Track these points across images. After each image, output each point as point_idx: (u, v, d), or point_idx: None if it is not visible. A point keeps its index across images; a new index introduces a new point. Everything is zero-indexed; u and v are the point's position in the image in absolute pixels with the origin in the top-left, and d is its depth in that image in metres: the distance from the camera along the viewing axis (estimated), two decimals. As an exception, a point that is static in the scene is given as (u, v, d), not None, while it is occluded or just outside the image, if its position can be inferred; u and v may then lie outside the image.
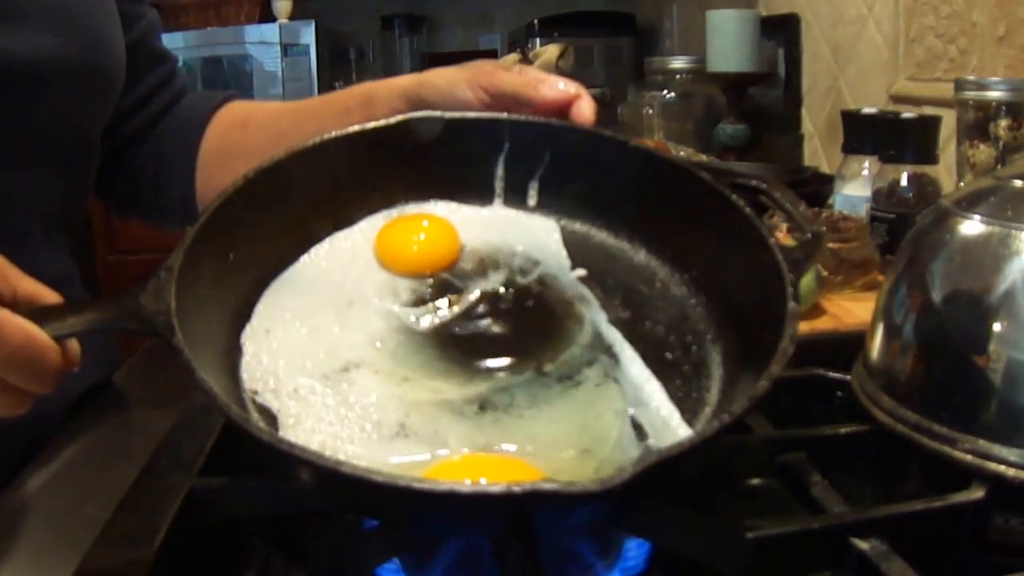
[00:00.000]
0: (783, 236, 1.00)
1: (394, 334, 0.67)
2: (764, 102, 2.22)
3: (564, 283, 0.73)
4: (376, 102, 0.96)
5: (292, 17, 3.44)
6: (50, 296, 0.59)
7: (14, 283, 0.58)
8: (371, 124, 0.75)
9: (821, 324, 1.00)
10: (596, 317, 0.71)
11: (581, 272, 0.74)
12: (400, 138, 0.76)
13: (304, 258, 0.71)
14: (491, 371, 0.66)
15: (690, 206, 0.73)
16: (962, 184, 1.12)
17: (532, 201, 0.78)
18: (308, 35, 3.31)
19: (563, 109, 0.84)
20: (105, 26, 0.97)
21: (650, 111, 2.40)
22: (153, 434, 0.72)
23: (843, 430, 0.68)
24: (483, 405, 0.63)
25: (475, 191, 0.78)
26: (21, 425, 0.59)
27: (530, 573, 0.53)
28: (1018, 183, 0.65)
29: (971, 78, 1.13)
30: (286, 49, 3.29)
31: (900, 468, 0.66)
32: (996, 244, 0.61)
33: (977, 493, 0.58)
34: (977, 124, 1.10)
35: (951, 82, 1.17)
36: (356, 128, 0.74)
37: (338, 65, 3.81)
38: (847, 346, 0.74)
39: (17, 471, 0.75)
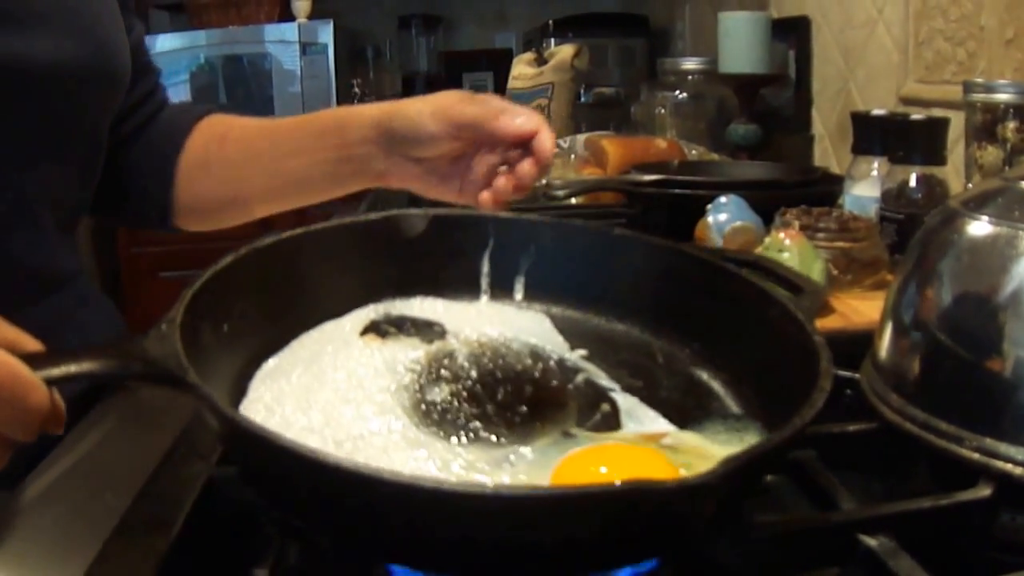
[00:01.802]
0: (795, 235, 1.01)
1: (404, 410, 0.64)
2: (775, 103, 2.23)
3: (568, 362, 0.73)
4: (348, 129, 0.98)
5: (311, 16, 3.46)
6: (30, 343, 0.56)
7: None
8: (356, 218, 0.76)
9: (830, 323, 1.00)
10: (610, 387, 0.70)
11: (582, 352, 0.74)
12: (385, 232, 0.76)
13: (295, 343, 0.70)
14: (517, 436, 0.63)
15: (682, 281, 0.75)
16: (970, 185, 1.12)
17: (519, 295, 0.79)
18: (326, 34, 3.33)
19: (524, 141, 0.86)
20: (113, 31, 0.98)
21: (662, 111, 2.40)
22: (172, 424, 0.73)
23: (852, 428, 0.69)
24: (513, 463, 0.61)
25: (461, 287, 0.78)
26: None
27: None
28: (1026, 184, 0.65)
29: (979, 81, 1.13)
30: (305, 48, 3.31)
31: (908, 466, 0.66)
32: (1004, 244, 0.61)
33: (984, 491, 0.59)
34: (985, 126, 1.10)
35: (960, 84, 1.17)
36: (341, 221, 0.75)
37: (356, 64, 3.83)
38: (856, 345, 0.74)
39: (35, 460, 0.75)
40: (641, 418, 0.67)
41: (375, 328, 0.72)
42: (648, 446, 0.64)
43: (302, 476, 0.49)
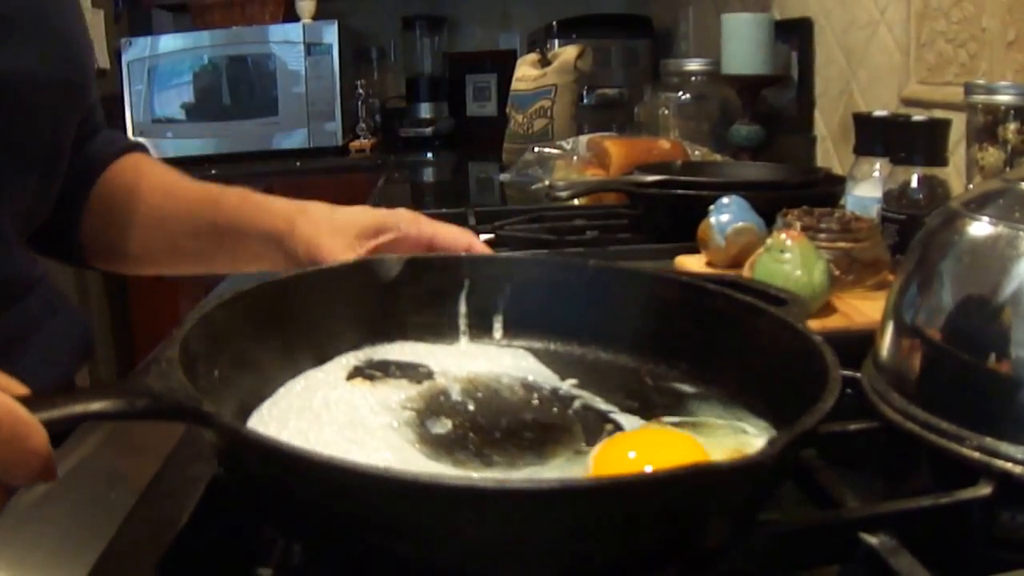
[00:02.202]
0: (797, 236, 1.02)
1: (412, 443, 0.64)
2: (777, 104, 2.23)
3: (561, 391, 0.73)
4: (248, 239, 0.99)
5: (315, 17, 3.48)
6: (18, 388, 0.52)
7: None
8: (332, 264, 0.76)
9: (832, 323, 1.00)
10: (609, 410, 0.70)
11: (573, 381, 0.74)
12: (361, 277, 0.76)
13: (281, 391, 0.68)
14: (531, 458, 0.63)
15: (662, 305, 0.76)
16: (971, 186, 1.13)
17: (498, 334, 0.79)
18: (331, 35, 3.34)
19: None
20: (82, 39, 0.98)
21: (666, 112, 2.41)
22: (177, 424, 0.73)
23: (853, 427, 0.69)
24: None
25: (440, 329, 0.78)
26: None
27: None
28: (1026, 185, 0.65)
29: (981, 82, 1.13)
30: (309, 48, 3.33)
31: (909, 464, 0.67)
32: (1004, 245, 0.62)
33: (984, 490, 0.59)
34: (986, 127, 1.10)
35: (961, 86, 1.17)
36: (317, 267, 0.75)
37: (360, 64, 3.86)
38: (858, 344, 0.74)
39: None
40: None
41: (361, 373, 0.72)
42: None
43: (351, 493, 0.47)
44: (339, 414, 0.66)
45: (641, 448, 0.62)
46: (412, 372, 0.73)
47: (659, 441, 0.63)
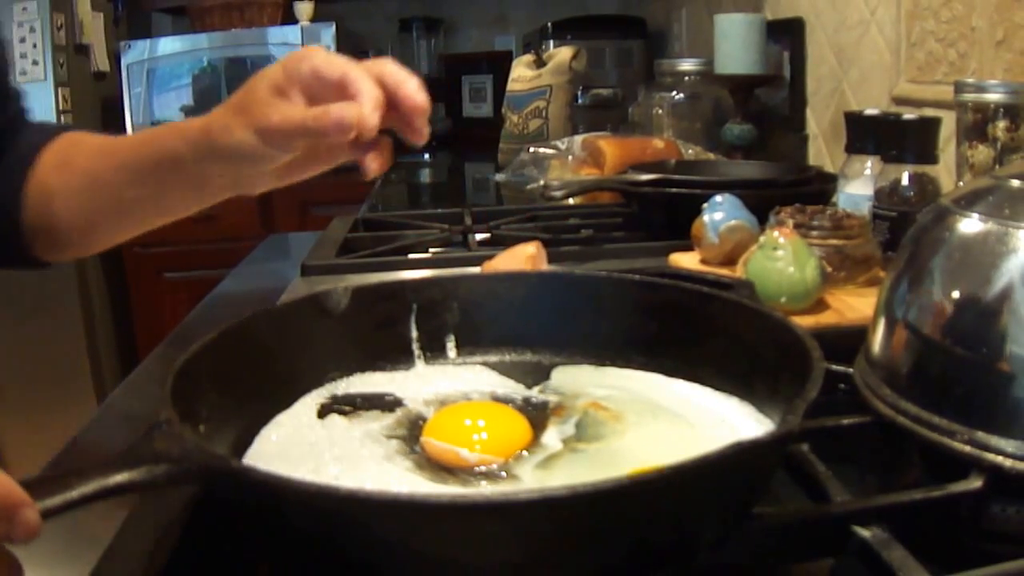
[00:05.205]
0: (789, 232, 1.02)
1: (411, 470, 0.63)
2: (770, 103, 2.24)
3: (533, 399, 0.74)
4: (183, 159, 0.87)
5: (313, 19, 3.49)
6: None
7: None
8: (280, 305, 0.76)
9: (824, 319, 1.01)
10: (583, 407, 0.71)
11: (539, 387, 0.75)
12: (311, 313, 0.76)
13: (257, 442, 0.67)
14: (530, 466, 0.64)
15: (611, 305, 0.77)
16: (961, 183, 1.13)
17: (452, 353, 0.80)
18: (328, 37, 3.35)
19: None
20: None
21: (660, 111, 2.41)
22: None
23: (846, 421, 0.69)
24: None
25: (395, 356, 0.79)
26: None
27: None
28: (1015, 183, 0.66)
29: (970, 81, 1.13)
30: (307, 50, 3.33)
31: (901, 458, 0.67)
32: (994, 241, 0.62)
33: (975, 483, 0.59)
34: (976, 125, 1.10)
35: (951, 85, 1.17)
36: (266, 309, 0.74)
37: (358, 66, 3.85)
38: (850, 340, 0.75)
39: None
40: (635, 420, 0.68)
41: (330, 410, 0.72)
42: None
43: (427, 528, 0.47)
44: (327, 453, 0.65)
45: (473, 415, 0.67)
46: (380, 402, 0.74)
47: (481, 408, 0.68)
